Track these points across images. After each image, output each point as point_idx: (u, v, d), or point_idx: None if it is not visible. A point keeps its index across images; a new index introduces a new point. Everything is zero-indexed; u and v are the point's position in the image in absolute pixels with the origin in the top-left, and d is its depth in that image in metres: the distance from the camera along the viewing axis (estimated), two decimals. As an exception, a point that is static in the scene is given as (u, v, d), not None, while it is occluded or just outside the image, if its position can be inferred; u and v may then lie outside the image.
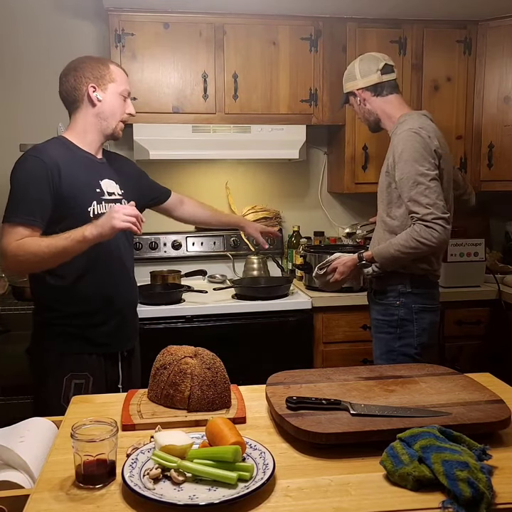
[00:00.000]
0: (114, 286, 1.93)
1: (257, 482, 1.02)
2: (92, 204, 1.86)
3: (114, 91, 1.93)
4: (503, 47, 2.99)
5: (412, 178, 2.02)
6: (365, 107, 2.27)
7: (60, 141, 1.92)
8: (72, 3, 3.02)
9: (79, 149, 1.92)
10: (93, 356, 1.89)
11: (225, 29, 2.85)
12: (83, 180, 1.87)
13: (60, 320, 1.87)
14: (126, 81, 1.99)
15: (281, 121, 2.95)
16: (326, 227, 3.38)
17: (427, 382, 1.46)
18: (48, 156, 1.81)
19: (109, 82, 1.93)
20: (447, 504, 0.98)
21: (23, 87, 3.03)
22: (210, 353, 1.44)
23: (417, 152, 2.04)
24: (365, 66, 2.24)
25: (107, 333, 1.91)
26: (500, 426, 1.23)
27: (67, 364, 1.86)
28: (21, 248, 1.72)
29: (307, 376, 1.50)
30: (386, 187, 2.17)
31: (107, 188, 1.94)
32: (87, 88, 1.89)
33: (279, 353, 2.66)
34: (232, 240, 3.23)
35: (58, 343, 1.87)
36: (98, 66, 1.93)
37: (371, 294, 2.32)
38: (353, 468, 1.12)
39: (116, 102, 1.94)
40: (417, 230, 2.01)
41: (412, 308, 2.17)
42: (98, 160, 1.98)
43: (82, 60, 1.94)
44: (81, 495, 1.03)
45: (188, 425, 1.30)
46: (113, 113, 1.94)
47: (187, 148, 2.89)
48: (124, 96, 1.97)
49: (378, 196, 2.26)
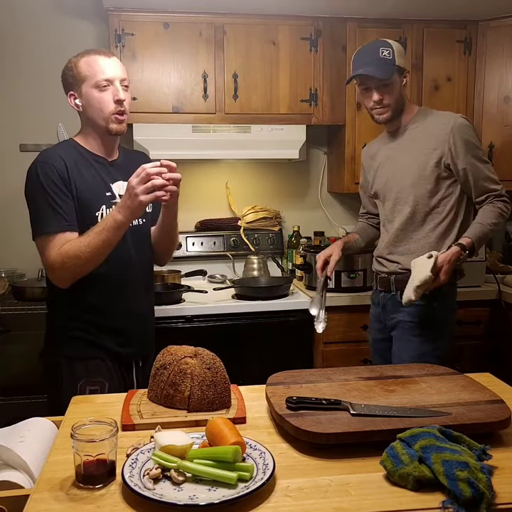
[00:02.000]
0: (130, 294, 1.88)
1: (257, 482, 1.02)
2: (100, 208, 1.81)
3: (88, 89, 1.80)
4: (503, 47, 2.99)
5: (483, 159, 2.10)
6: (403, 90, 2.15)
7: (70, 144, 1.88)
8: (72, 3, 3.02)
9: (88, 152, 1.86)
10: (108, 363, 1.84)
11: (225, 29, 2.85)
12: (91, 184, 1.81)
13: (75, 326, 1.83)
14: (101, 69, 1.78)
15: (281, 121, 2.95)
16: (326, 227, 3.38)
17: (427, 382, 1.46)
18: (55, 158, 1.77)
19: (81, 83, 1.80)
20: (447, 504, 0.98)
21: (23, 87, 3.03)
22: (210, 353, 1.44)
23: (477, 136, 2.14)
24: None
25: (121, 341, 1.86)
26: (500, 426, 1.23)
27: (81, 370, 1.82)
28: (64, 255, 1.70)
29: (307, 376, 1.50)
30: (433, 179, 2.11)
31: (119, 191, 1.86)
32: (68, 97, 1.85)
33: (279, 353, 2.66)
34: (232, 240, 3.23)
35: (72, 349, 1.83)
36: (69, 68, 1.83)
37: (396, 295, 2.19)
38: (353, 468, 1.12)
39: (95, 99, 1.79)
40: (500, 205, 2.07)
41: (445, 308, 2.14)
42: (110, 162, 1.90)
43: (64, 66, 1.86)
44: (81, 495, 1.03)
45: (188, 425, 1.30)
46: (97, 112, 1.81)
47: (187, 148, 2.89)
48: (101, 86, 1.78)
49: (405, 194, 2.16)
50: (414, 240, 2.17)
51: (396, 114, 2.16)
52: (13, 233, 3.05)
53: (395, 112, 2.14)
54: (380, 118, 2.16)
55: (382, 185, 2.27)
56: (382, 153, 2.28)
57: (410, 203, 2.15)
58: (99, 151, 1.88)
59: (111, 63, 1.82)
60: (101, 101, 1.79)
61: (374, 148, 2.35)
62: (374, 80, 2.07)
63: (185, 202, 3.28)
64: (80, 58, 1.83)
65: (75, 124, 2.67)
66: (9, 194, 3.08)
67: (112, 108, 1.80)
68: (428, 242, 2.14)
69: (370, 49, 2.11)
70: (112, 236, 1.69)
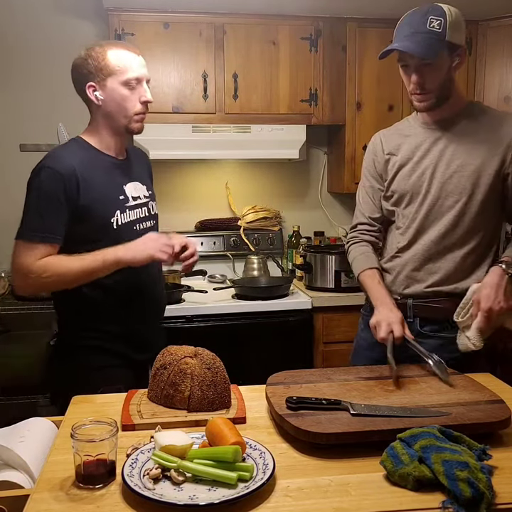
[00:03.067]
0: (146, 299, 1.85)
1: (257, 482, 1.02)
2: (115, 214, 1.73)
3: (116, 85, 1.70)
4: (503, 47, 2.99)
5: None
6: (453, 72, 1.70)
7: (79, 143, 1.77)
8: (72, 3, 3.02)
9: (98, 152, 1.77)
10: (124, 370, 1.80)
11: (225, 29, 2.85)
12: (104, 189, 1.73)
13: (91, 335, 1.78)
14: (131, 66, 1.71)
15: (281, 121, 2.95)
16: (326, 227, 3.39)
17: (427, 382, 1.46)
18: (64, 165, 1.66)
19: (107, 77, 1.70)
20: (447, 504, 0.98)
21: (23, 87, 3.03)
22: (210, 353, 1.44)
23: None
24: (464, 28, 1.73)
25: (138, 348, 1.83)
26: (500, 426, 1.23)
27: (98, 379, 1.74)
28: (47, 269, 1.64)
29: (307, 376, 1.50)
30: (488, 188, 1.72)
31: (132, 193, 1.80)
32: (87, 89, 1.72)
33: (279, 353, 2.66)
34: (232, 240, 3.23)
35: (89, 359, 1.78)
36: (94, 58, 1.70)
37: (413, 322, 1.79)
38: (353, 468, 1.12)
39: (121, 96, 1.71)
40: None
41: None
42: (120, 162, 1.82)
43: (80, 53, 1.74)
44: (81, 495, 1.03)
45: (188, 425, 1.30)
46: (119, 110, 1.73)
47: (187, 148, 2.89)
48: (131, 84, 1.72)
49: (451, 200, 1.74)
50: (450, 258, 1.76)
51: (441, 101, 1.73)
52: (13, 233, 3.05)
53: (440, 99, 1.72)
54: (420, 106, 1.73)
55: (411, 186, 1.80)
56: (410, 147, 1.81)
57: (456, 213, 1.74)
58: (110, 150, 1.80)
59: (140, 62, 1.76)
60: (128, 99, 1.73)
61: (393, 140, 1.87)
62: (415, 58, 1.65)
63: (185, 202, 3.30)
64: (106, 49, 1.71)
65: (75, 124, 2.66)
66: (9, 194, 3.08)
67: (137, 108, 1.75)
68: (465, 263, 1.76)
69: (417, 17, 1.67)
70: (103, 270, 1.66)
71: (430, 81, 1.68)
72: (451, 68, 1.69)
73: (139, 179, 1.87)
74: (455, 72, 1.72)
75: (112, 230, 1.72)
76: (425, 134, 1.80)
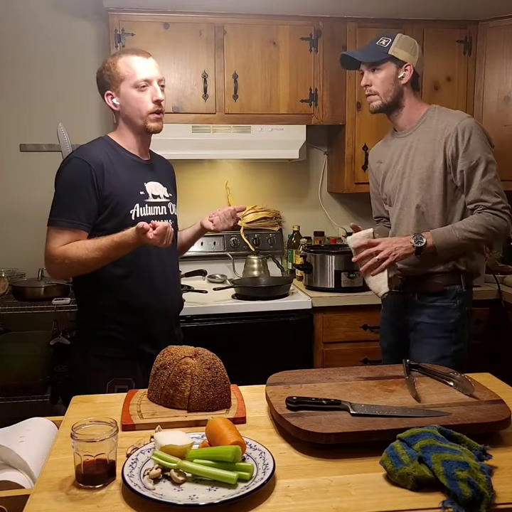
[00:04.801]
0: (158, 293, 1.89)
1: (257, 482, 1.02)
2: (134, 207, 1.83)
3: (127, 89, 1.84)
4: (503, 47, 2.99)
5: (482, 166, 1.96)
6: (400, 83, 2.06)
7: (106, 141, 1.90)
8: (72, 3, 3.02)
9: (124, 150, 1.89)
10: (136, 362, 1.85)
11: (225, 29, 2.85)
12: (126, 183, 1.83)
13: (103, 325, 1.85)
14: (139, 69, 1.84)
15: (281, 121, 2.95)
16: (326, 227, 3.39)
17: (427, 382, 1.46)
18: (92, 157, 1.78)
19: (119, 83, 1.84)
20: (447, 504, 0.98)
21: (23, 87, 3.03)
22: (210, 353, 1.44)
23: (483, 140, 2.00)
24: (420, 51, 2.10)
25: (149, 340, 1.86)
26: (500, 426, 1.23)
27: (111, 370, 1.82)
28: (68, 253, 1.72)
29: (307, 376, 1.50)
30: (441, 181, 2.02)
31: (152, 191, 1.90)
32: (105, 97, 1.88)
33: (279, 353, 2.66)
34: (232, 240, 3.23)
35: (100, 348, 1.84)
36: (107, 68, 1.86)
37: (414, 295, 2.11)
38: (353, 468, 1.12)
39: (134, 99, 1.84)
40: (486, 218, 1.94)
41: (465, 310, 2.07)
42: (144, 161, 1.94)
43: (100, 66, 1.89)
44: (81, 495, 1.03)
45: (188, 425, 1.30)
46: (134, 111, 1.85)
47: (187, 148, 2.89)
48: (140, 86, 1.83)
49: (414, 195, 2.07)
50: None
51: (388, 106, 2.09)
52: (14, 233, 3.05)
53: (389, 105, 2.08)
54: (371, 105, 2.12)
55: (391, 188, 2.17)
56: (390, 154, 2.18)
57: (417, 206, 2.07)
58: (134, 149, 1.91)
59: (149, 63, 1.87)
60: (140, 100, 1.84)
61: (381, 150, 2.26)
62: (365, 65, 2.07)
63: (185, 202, 3.29)
64: (117, 58, 1.86)
65: (75, 124, 2.68)
66: (9, 194, 3.08)
67: (150, 107, 1.85)
68: None
69: (374, 39, 2.10)
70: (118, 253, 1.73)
71: (375, 85, 2.06)
72: (397, 79, 2.05)
73: (161, 180, 1.97)
74: (404, 86, 2.07)
75: (131, 222, 1.78)
76: (397, 142, 2.15)
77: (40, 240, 1.83)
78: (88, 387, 1.77)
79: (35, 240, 3.08)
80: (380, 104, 2.08)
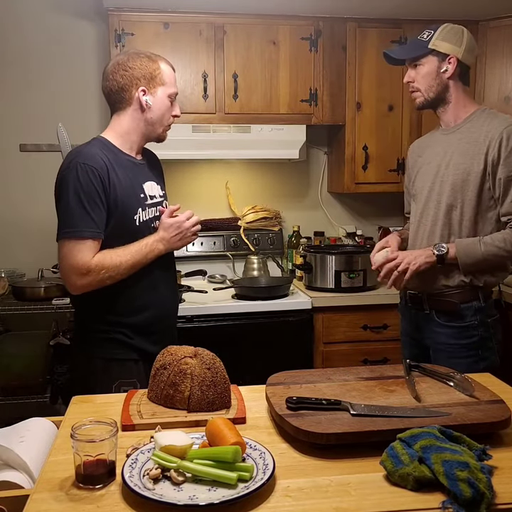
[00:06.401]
0: (164, 294, 1.89)
1: (257, 482, 1.02)
2: (137, 211, 1.80)
3: (164, 95, 1.84)
4: (504, 47, 2.99)
5: None
6: (444, 77, 1.94)
7: (102, 143, 1.82)
8: (72, 3, 3.02)
9: (120, 152, 1.84)
10: (140, 363, 1.83)
11: (225, 29, 2.85)
12: (129, 187, 1.80)
13: (111, 329, 1.81)
14: (175, 82, 1.89)
15: (281, 121, 2.95)
16: (326, 227, 3.39)
17: (427, 382, 1.46)
18: (96, 161, 1.72)
19: (159, 85, 1.83)
20: (447, 504, 0.98)
21: (23, 87, 3.03)
22: (210, 353, 1.44)
23: None
24: (473, 43, 1.97)
25: (152, 341, 1.84)
26: (500, 426, 1.22)
27: (116, 371, 1.80)
28: (104, 264, 1.70)
29: (307, 376, 1.50)
30: (476, 187, 1.89)
31: (149, 192, 1.87)
32: (137, 91, 1.80)
33: (279, 353, 2.66)
34: (232, 240, 3.22)
35: (104, 350, 1.81)
36: (149, 66, 1.82)
37: (430, 314, 2.01)
38: (353, 468, 1.12)
39: (165, 106, 1.85)
40: None
41: (488, 323, 1.95)
42: (138, 161, 1.90)
43: (133, 57, 1.82)
44: (81, 495, 1.03)
45: (188, 425, 1.30)
46: (160, 118, 1.86)
47: (187, 148, 2.89)
48: (172, 99, 1.88)
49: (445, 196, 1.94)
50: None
51: (432, 102, 1.99)
52: (14, 233, 3.05)
53: (432, 101, 1.98)
54: (415, 102, 2.02)
55: (422, 184, 2.05)
56: (429, 150, 2.06)
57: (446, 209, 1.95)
58: (130, 150, 1.87)
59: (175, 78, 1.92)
60: (167, 111, 1.87)
61: (422, 144, 2.14)
62: (407, 61, 1.98)
63: (185, 202, 3.29)
64: (157, 61, 1.85)
65: (75, 124, 2.67)
66: (9, 194, 3.08)
67: (171, 120, 1.91)
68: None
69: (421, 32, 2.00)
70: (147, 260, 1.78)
71: (417, 81, 1.96)
72: (440, 73, 1.94)
73: (154, 179, 1.95)
74: (450, 80, 1.95)
75: (135, 227, 1.78)
76: (440, 138, 2.04)
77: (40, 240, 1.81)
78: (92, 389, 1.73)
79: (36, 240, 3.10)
80: (423, 100, 1.98)
